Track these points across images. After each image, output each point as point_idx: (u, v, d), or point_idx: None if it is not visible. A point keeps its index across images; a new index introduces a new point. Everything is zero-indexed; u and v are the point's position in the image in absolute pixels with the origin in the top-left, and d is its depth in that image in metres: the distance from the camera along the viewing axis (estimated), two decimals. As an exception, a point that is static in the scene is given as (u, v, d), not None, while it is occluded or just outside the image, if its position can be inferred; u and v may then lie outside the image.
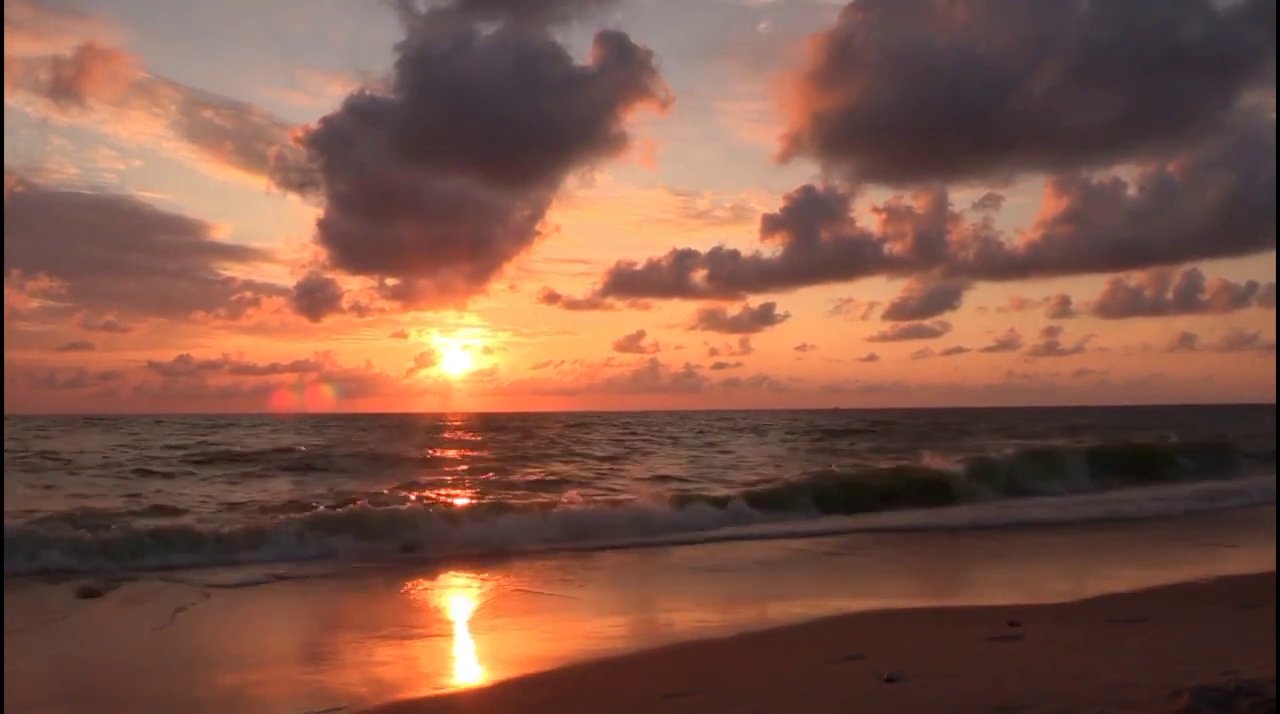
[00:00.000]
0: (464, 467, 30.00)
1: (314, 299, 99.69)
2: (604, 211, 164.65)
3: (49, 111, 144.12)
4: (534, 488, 22.00)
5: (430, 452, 38.38)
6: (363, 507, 15.35)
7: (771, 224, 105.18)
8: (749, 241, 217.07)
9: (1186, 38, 50.67)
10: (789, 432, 57.16)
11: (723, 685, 6.07)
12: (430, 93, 56.21)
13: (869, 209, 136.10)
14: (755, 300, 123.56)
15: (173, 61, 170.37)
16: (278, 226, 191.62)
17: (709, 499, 18.17)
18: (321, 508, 15.73)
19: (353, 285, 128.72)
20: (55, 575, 11.58)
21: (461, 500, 18.15)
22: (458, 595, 11.03)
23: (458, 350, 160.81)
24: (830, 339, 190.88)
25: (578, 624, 9.05)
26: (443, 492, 20.91)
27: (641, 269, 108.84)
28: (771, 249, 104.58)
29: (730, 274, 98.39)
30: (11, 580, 11.29)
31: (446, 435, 56.90)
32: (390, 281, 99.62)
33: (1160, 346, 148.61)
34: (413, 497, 18.57)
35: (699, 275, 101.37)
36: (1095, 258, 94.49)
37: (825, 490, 19.69)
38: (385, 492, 19.99)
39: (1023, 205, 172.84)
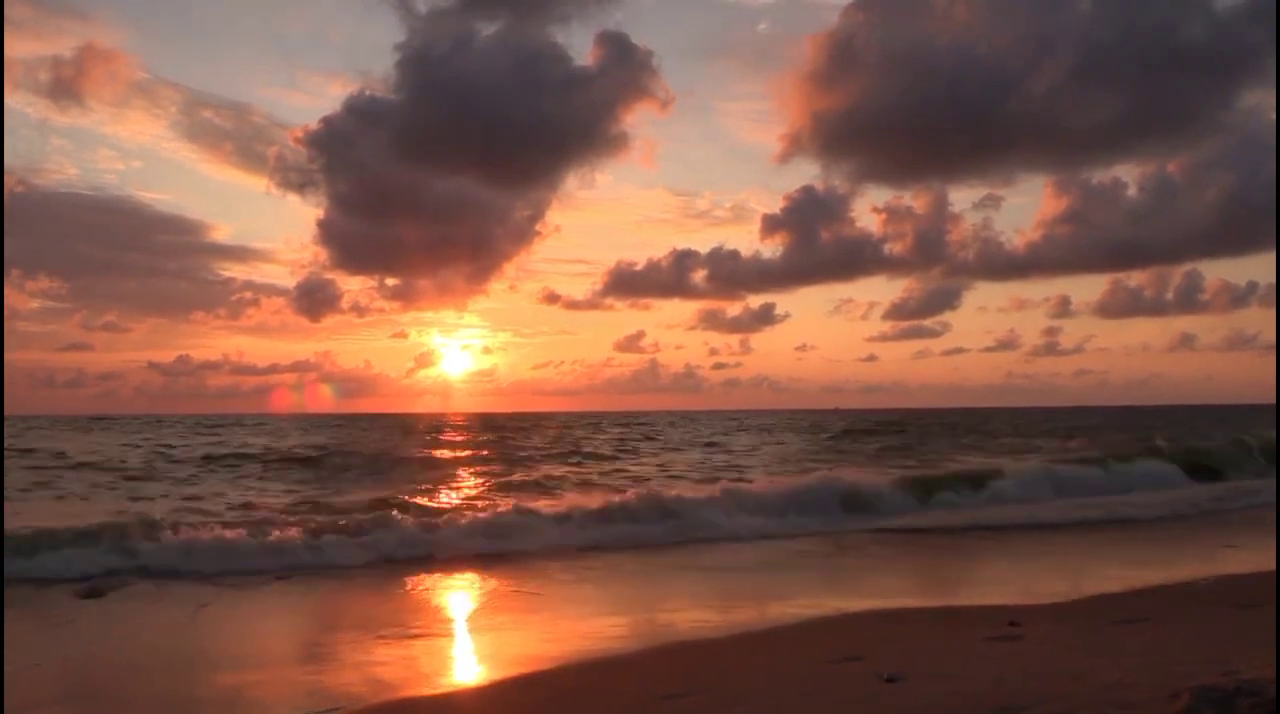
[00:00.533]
0: (495, 466, 29.89)
1: (314, 299, 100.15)
2: (604, 211, 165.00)
3: (49, 112, 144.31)
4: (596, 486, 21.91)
5: (445, 452, 38.32)
6: (382, 510, 15.30)
7: (771, 224, 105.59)
8: (749, 241, 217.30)
9: (1186, 38, 50.79)
10: (803, 432, 56.97)
11: (720, 686, 6.06)
12: (430, 93, 56.39)
13: (869, 209, 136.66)
14: (755, 300, 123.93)
15: (173, 61, 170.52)
16: (278, 227, 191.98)
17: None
18: (344, 520, 15.27)
19: (353, 285, 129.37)
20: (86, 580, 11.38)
21: (513, 500, 17.63)
22: (457, 595, 11.02)
23: (458, 350, 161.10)
24: (830, 339, 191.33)
25: (576, 624, 9.04)
26: (481, 492, 20.97)
27: (641, 269, 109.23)
28: (771, 249, 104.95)
29: (730, 274, 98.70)
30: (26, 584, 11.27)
31: (457, 436, 56.55)
32: (390, 281, 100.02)
33: (1160, 346, 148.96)
34: (437, 500, 18.60)
35: (699, 275, 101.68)
36: (1095, 258, 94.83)
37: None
38: (399, 494, 19.80)
39: (1023, 205, 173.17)
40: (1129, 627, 7.36)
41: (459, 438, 53.89)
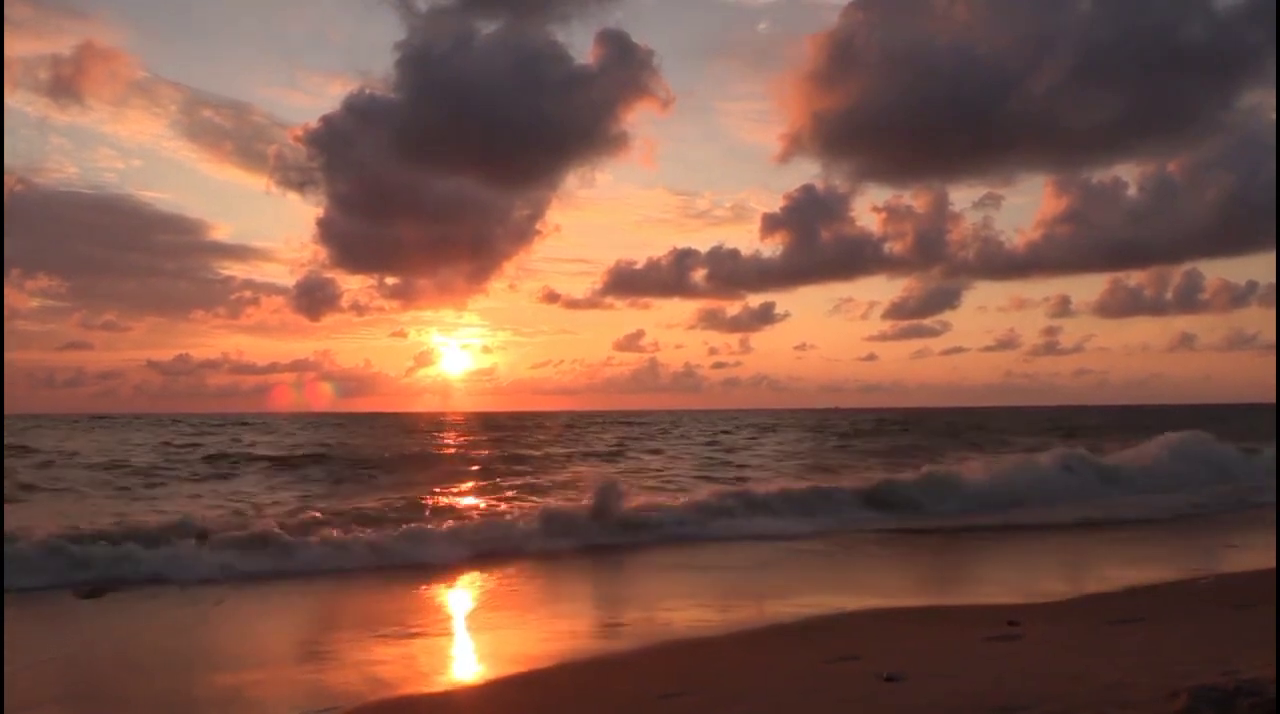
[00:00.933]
0: (497, 465, 29.77)
1: (313, 298, 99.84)
2: (604, 211, 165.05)
3: (49, 111, 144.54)
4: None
5: (449, 452, 38.24)
6: (384, 511, 15.27)
7: (771, 224, 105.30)
8: (749, 241, 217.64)
9: (1186, 38, 50.67)
10: (808, 431, 56.86)
11: (718, 685, 6.06)
12: (430, 92, 56.18)
13: (869, 208, 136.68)
14: (755, 300, 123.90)
15: (173, 61, 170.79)
16: (277, 226, 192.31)
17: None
18: (344, 521, 14.96)
19: (352, 285, 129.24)
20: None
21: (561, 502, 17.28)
22: (456, 595, 11.02)
23: (457, 350, 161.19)
24: (830, 339, 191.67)
25: (574, 623, 9.04)
26: (482, 492, 20.97)
27: (641, 269, 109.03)
28: (771, 248, 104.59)
29: (730, 274, 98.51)
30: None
31: (460, 436, 56.34)
32: (390, 281, 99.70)
33: (1160, 346, 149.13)
34: (440, 500, 18.61)
35: (699, 275, 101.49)
36: (1095, 258, 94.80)
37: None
38: (401, 494, 19.68)
39: (1023, 205, 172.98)
40: (1128, 626, 7.36)
41: (462, 438, 53.83)
